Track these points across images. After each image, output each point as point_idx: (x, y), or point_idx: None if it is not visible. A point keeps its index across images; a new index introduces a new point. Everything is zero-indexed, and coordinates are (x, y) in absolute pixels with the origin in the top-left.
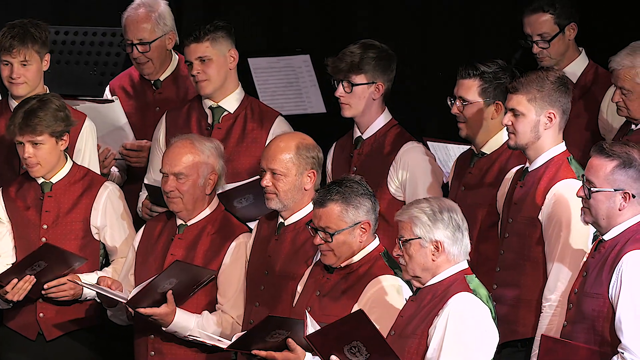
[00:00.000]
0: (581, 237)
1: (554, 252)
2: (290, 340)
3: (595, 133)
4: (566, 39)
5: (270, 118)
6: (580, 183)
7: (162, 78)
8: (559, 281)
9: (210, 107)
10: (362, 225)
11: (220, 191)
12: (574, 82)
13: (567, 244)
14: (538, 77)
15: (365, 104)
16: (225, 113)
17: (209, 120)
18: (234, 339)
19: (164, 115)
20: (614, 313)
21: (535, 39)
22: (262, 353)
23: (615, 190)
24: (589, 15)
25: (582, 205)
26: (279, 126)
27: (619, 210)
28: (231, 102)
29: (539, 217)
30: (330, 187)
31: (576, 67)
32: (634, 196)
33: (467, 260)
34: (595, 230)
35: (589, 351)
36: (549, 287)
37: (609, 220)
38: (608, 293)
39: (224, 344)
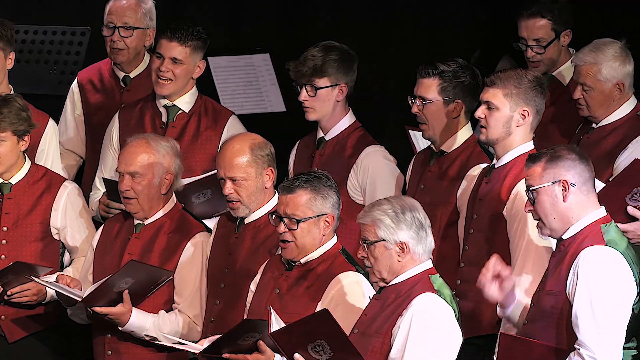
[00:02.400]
0: None
1: (518, 248)
2: (260, 342)
3: None
4: (560, 45)
5: (224, 117)
6: None
7: (132, 75)
8: (523, 277)
9: (165, 106)
10: (327, 218)
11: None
12: (565, 84)
13: (530, 240)
14: (517, 74)
15: (329, 107)
16: (180, 112)
17: (164, 119)
18: (206, 344)
19: (117, 113)
20: (572, 309)
21: (530, 43)
22: (234, 356)
23: (552, 182)
24: (582, 20)
25: (536, 224)
26: (232, 125)
27: (564, 202)
28: (186, 101)
29: (504, 213)
30: (298, 176)
31: (566, 71)
32: (573, 185)
33: (431, 258)
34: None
35: (547, 348)
36: None
37: (561, 218)
38: (565, 290)
39: (194, 348)
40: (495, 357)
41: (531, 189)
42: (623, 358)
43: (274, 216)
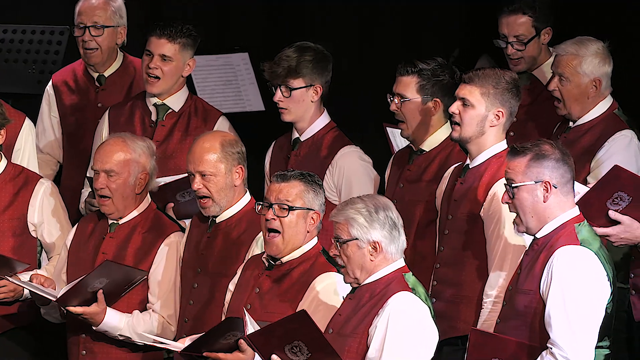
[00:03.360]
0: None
1: (495, 248)
2: (241, 341)
3: None
4: (540, 43)
5: (214, 117)
6: None
7: (106, 74)
8: (500, 277)
9: (155, 105)
10: (314, 214)
11: (162, 183)
12: (544, 83)
13: (508, 240)
14: (495, 74)
15: (304, 107)
16: (170, 111)
17: (153, 117)
18: (187, 343)
19: (107, 111)
20: (545, 308)
21: (510, 40)
22: (214, 355)
23: (535, 182)
24: (562, 18)
25: (513, 218)
26: (222, 125)
27: (544, 202)
28: (176, 100)
29: (480, 213)
30: (291, 170)
31: (546, 69)
32: (555, 186)
33: (403, 257)
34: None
35: (518, 344)
36: (490, 284)
37: (538, 216)
38: (539, 289)
39: (175, 346)
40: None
41: (513, 185)
42: (595, 357)
43: (260, 206)
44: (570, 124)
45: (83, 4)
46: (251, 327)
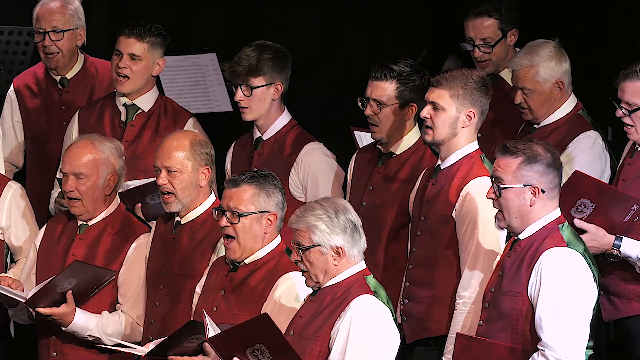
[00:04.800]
0: (495, 234)
1: (468, 249)
2: (206, 344)
3: None
4: (507, 45)
5: (183, 118)
6: None
7: (68, 76)
8: (473, 278)
9: (125, 105)
10: (269, 216)
11: (132, 187)
12: (510, 84)
13: (480, 241)
14: (463, 74)
15: (265, 106)
16: (140, 111)
17: (123, 118)
18: (151, 347)
19: (77, 112)
20: (533, 311)
21: (477, 42)
22: (179, 358)
23: (524, 185)
24: (527, 19)
25: (495, 212)
26: (191, 127)
27: (530, 206)
28: (146, 100)
29: (453, 214)
30: (245, 172)
31: None
32: (543, 191)
33: (363, 260)
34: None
35: (506, 348)
36: (462, 285)
37: (522, 218)
38: (527, 291)
39: (139, 350)
40: (451, 358)
41: (501, 186)
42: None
43: (217, 211)
44: (535, 125)
45: (40, 9)
46: (212, 329)
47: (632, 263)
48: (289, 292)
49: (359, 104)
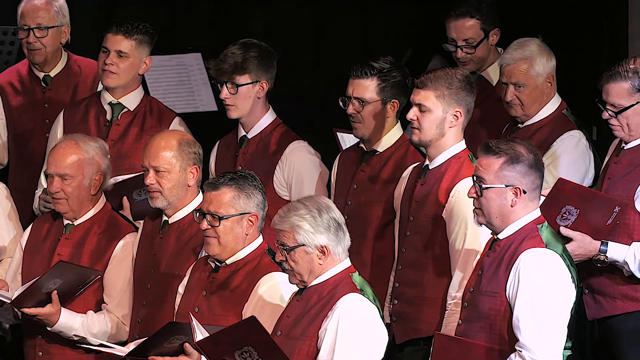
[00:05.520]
0: (485, 234)
1: (459, 250)
2: (187, 344)
3: None
4: (489, 44)
5: (169, 118)
6: None
7: (52, 74)
8: (464, 279)
9: (110, 104)
10: (250, 217)
11: (120, 180)
12: (493, 84)
13: (471, 241)
14: (447, 74)
15: (250, 104)
16: (125, 110)
17: (108, 117)
18: (131, 347)
19: (62, 111)
20: (511, 311)
21: (460, 43)
22: (159, 359)
23: (506, 186)
24: (508, 19)
25: (474, 207)
26: (176, 126)
27: (511, 206)
28: (131, 99)
29: (443, 215)
30: (224, 174)
31: (494, 70)
32: (524, 192)
33: (348, 257)
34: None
35: (484, 348)
36: (453, 285)
37: (502, 218)
38: (505, 291)
39: (120, 351)
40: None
41: (483, 186)
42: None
43: (197, 213)
44: (519, 124)
45: (25, 6)
46: (199, 333)
47: (619, 267)
48: (271, 292)
49: (341, 104)
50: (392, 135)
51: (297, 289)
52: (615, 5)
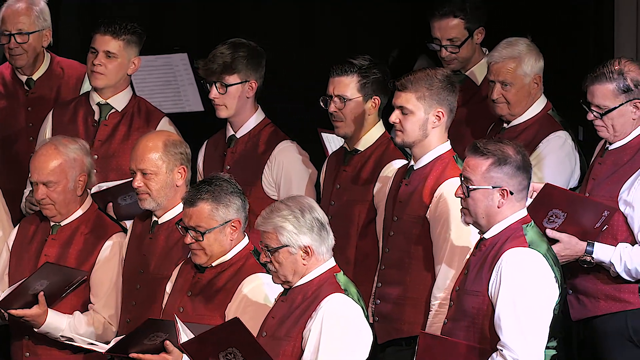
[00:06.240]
0: (469, 235)
1: (443, 250)
2: (167, 342)
3: None
4: (474, 43)
5: (156, 118)
6: None
7: (35, 77)
8: (448, 279)
9: (99, 104)
10: (232, 224)
11: (105, 188)
12: (478, 84)
13: (455, 242)
14: (427, 75)
15: (239, 103)
16: (113, 111)
17: (96, 117)
18: (112, 343)
19: (51, 111)
20: (494, 310)
21: (444, 43)
22: (140, 356)
23: (493, 187)
24: (493, 18)
25: (461, 207)
26: (165, 126)
27: (498, 207)
28: (119, 100)
29: (427, 215)
30: (199, 186)
31: (479, 69)
32: (511, 193)
33: (332, 257)
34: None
35: (468, 347)
36: (437, 286)
37: (489, 218)
38: (487, 291)
39: (101, 347)
40: (414, 357)
41: (470, 187)
42: (543, 358)
43: (180, 226)
44: (505, 124)
45: (6, 11)
46: (183, 333)
47: (606, 267)
48: (255, 293)
49: (322, 104)
50: (373, 133)
51: (282, 289)
52: (601, 6)
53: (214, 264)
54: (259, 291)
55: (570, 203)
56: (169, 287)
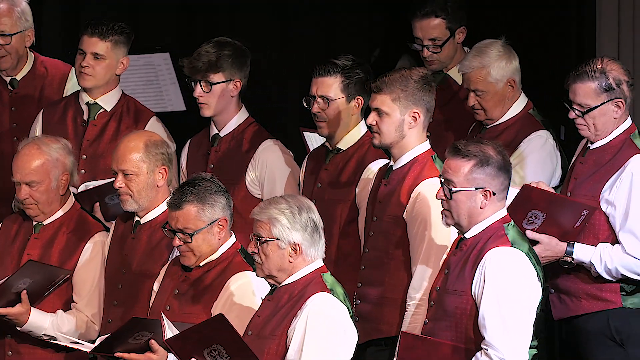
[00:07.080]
0: (445, 235)
1: (419, 251)
2: (152, 341)
3: None
4: (455, 43)
5: (145, 117)
6: None
7: (18, 77)
8: (424, 280)
9: (87, 104)
10: (219, 222)
11: (91, 187)
12: (459, 83)
13: (431, 242)
14: (402, 76)
15: (224, 102)
16: (102, 110)
17: (85, 117)
18: (97, 342)
19: (41, 110)
20: (477, 310)
21: (426, 43)
22: (125, 355)
23: (476, 189)
24: (474, 17)
25: (442, 209)
26: (153, 126)
27: (480, 208)
28: (108, 100)
29: (404, 216)
30: (183, 188)
31: None
32: (494, 193)
33: (323, 257)
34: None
35: (450, 347)
36: (413, 286)
37: (471, 219)
38: (471, 290)
39: (86, 347)
40: (395, 357)
41: (452, 189)
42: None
43: (166, 229)
44: (486, 125)
45: None
46: (169, 331)
47: (587, 267)
48: (241, 290)
49: (305, 104)
50: (355, 133)
51: (269, 288)
52: (582, 5)
53: (201, 263)
54: (246, 289)
55: (549, 203)
56: (156, 286)
